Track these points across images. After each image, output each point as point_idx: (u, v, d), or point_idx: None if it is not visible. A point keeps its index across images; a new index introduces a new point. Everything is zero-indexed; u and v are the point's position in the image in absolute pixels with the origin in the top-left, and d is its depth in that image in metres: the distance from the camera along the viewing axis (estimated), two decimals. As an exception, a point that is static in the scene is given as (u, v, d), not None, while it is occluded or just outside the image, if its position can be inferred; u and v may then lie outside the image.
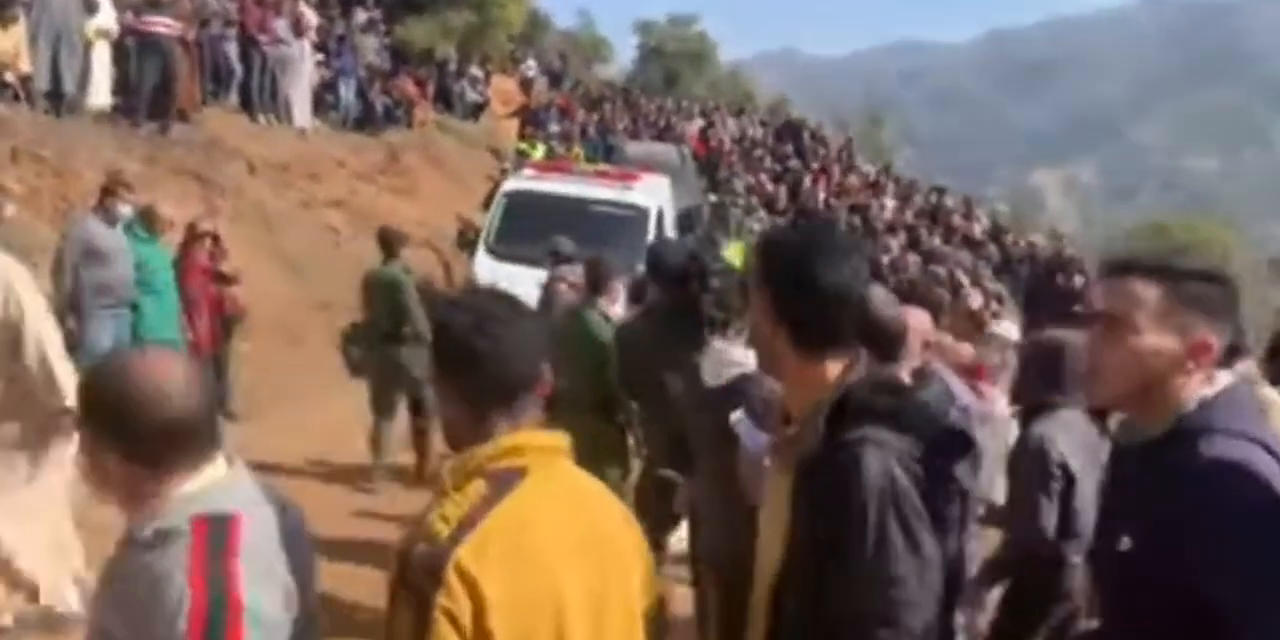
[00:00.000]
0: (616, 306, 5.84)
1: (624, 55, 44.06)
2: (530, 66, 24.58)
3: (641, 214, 11.39)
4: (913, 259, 11.52)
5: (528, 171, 12.19)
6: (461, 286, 11.26)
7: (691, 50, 41.93)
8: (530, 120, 21.18)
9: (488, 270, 10.75)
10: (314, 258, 12.46)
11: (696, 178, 17.72)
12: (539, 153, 18.80)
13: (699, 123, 21.83)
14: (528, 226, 11.15)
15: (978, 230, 14.29)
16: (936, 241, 13.05)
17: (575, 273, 8.39)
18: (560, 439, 1.91)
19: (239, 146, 12.44)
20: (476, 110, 20.61)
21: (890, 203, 15.52)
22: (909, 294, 5.79)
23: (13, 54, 9.56)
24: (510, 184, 11.88)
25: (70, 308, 7.45)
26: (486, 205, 17.77)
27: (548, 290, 8.13)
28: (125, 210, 7.57)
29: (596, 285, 5.81)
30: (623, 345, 5.12)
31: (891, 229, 14.20)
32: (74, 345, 7.82)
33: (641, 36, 40.74)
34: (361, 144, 15.91)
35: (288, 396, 10.20)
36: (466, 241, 13.42)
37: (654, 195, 11.99)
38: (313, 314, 11.78)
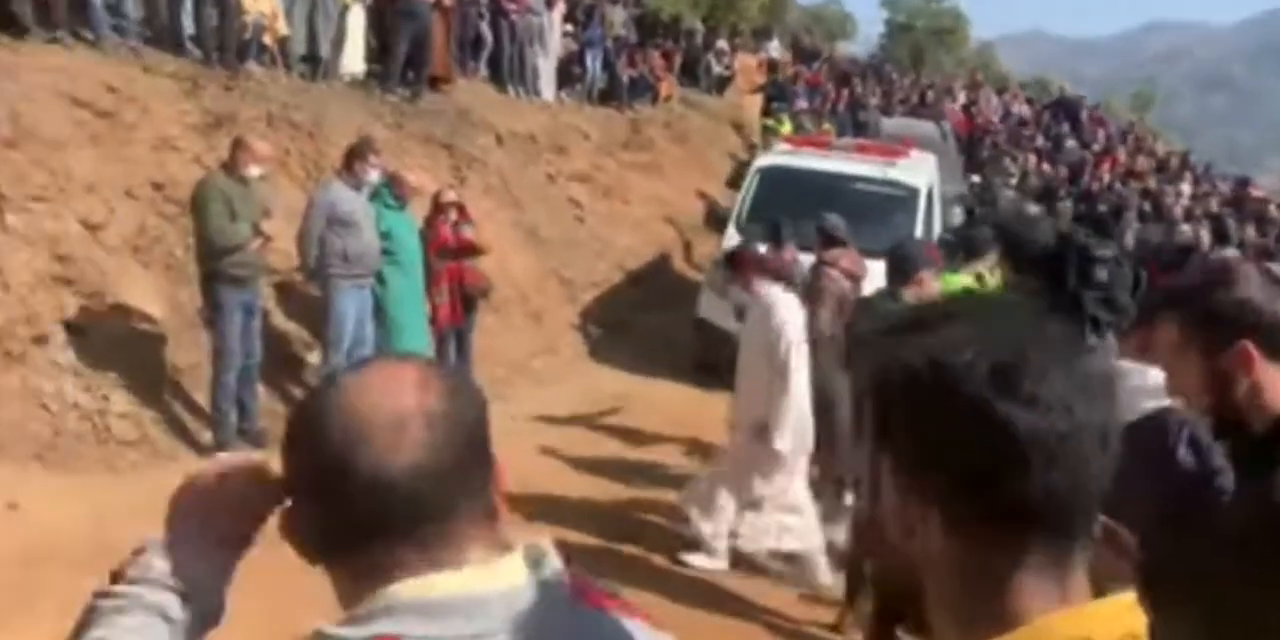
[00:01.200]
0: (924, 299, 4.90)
1: (867, 32, 42.39)
2: (774, 47, 23.55)
3: (910, 193, 10.31)
4: (1229, 252, 9.95)
5: (782, 146, 11.30)
6: (709, 266, 10.49)
7: (942, 26, 39.87)
8: (776, 95, 20.20)
9: (740, 251, 9.95)
10: (556, 232, 11.99)
11: (957, 157, 16.38)
12: (786, 128, 17.86)
13: (960, 99, 20.29)
14: (782, 204, 10.27)
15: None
16: (1250, 233, 11.35)
17: (848, 257, 7.45)
18: None
19: (486, 117, 12.08)
20: (721, 84, 19.82)
21: (1186, 189, 13.76)
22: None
23: (271, 17, 9.40)
24: (764, 159, 11.02)
25: (314, 276, 7.12)
26: (732, 183, 17.02)
27: (815, 276, 7.23)
28: (373, 175, 7.18)
29: (902, 273, 4.90)
30: None
31: (1190, 217, 12.52)
32: (320, 316, 7.57)
33: (890, 11, 38.95)
34: (606, 118, 15.39)
35: (526, 376, 9.75)
36: (716, 219, 12.63)
37: (922, 173, 10.88)
38: (554, 290, 11.31)
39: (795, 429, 5.35)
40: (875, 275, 7.36)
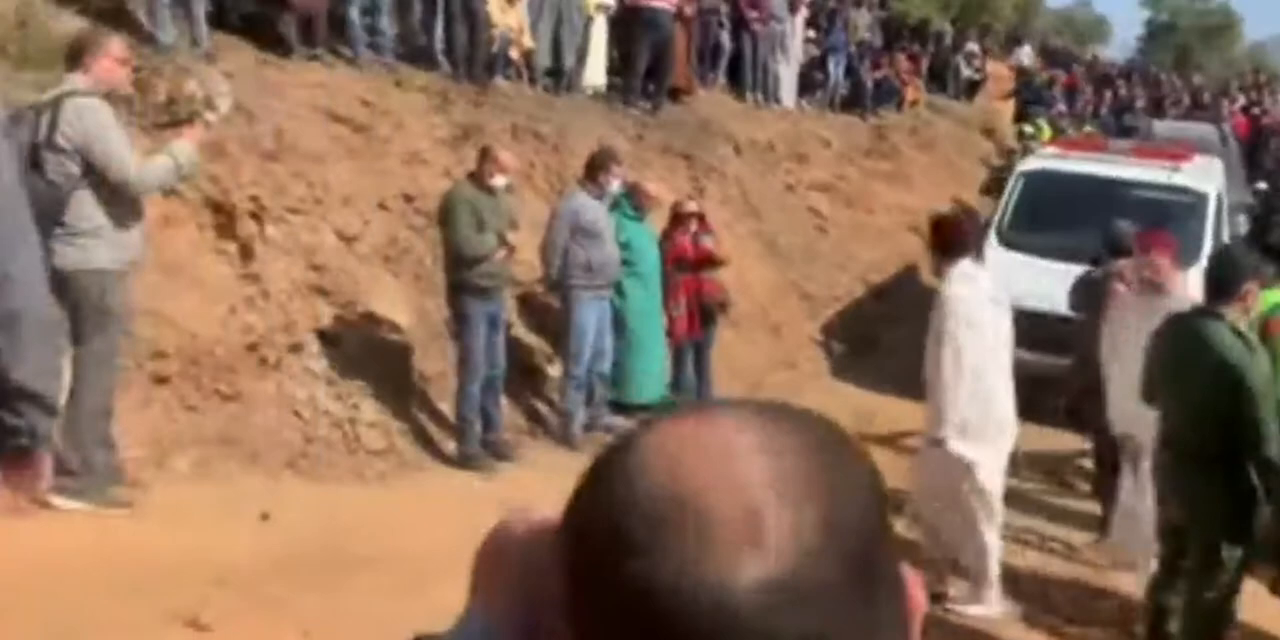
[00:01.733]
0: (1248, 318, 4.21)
1: (1122, 35, 39.80)
2: (1025, 52, 22.24)
3: (1198, 200, 9.32)
4: None
5: (1050, 150, 10.50)
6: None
7: (1211, 25, 37.00)
8: (1031, 99, 19.08)
9: (1001, 262, 9.23)
10: (797, 243, 11.59)
11: (1240, 161, 14.91)
12: (1046, 133, 16.81)
13: (1239, 99, 18.55)
14: (1051, 213, 9.51)
15: None
16: None
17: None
18: None
19: (725, 126, 11.83)
20: (971, 89, 18.88)
21: None
22: None
23: (518, 30, 9.46)
24: (1029, 163, 10.26)
25: (556, 286, 7.00)
26: (986, 190, 16.12)
27: (1096, 290, 6.50)
28: (615, 185, 7.01)
29: (1222, 287, 4.15)
30: None
31: None
32: (560, 328, 7.46)
33: (1152, 10, 36.47)
34: (848, 125, 14.88)
35: (765, 393, 9.38)
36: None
37: (1209, 178, 9.85)
38: (794, 303, 10.90)
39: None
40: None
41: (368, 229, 7.16)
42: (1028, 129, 16.90)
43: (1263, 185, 14.28)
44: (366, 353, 6.71)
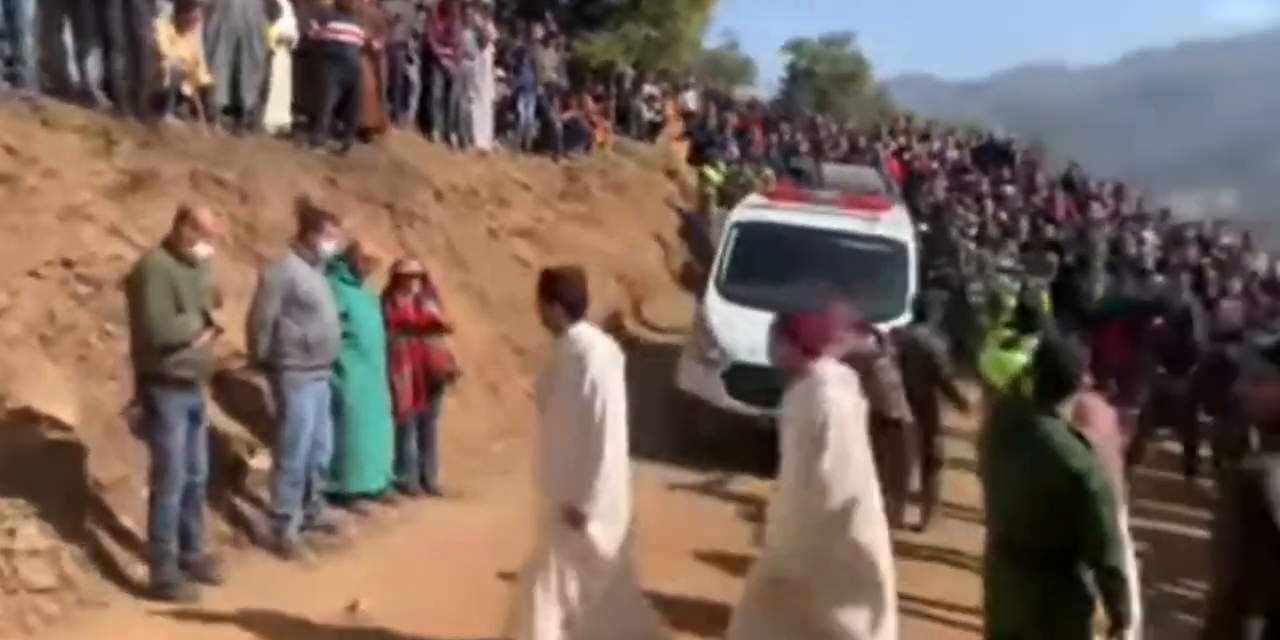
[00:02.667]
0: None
1: (766, 76, 42.24)
2: (690, 97, 22.77)
3: (899, 250, 9.57)
4: (1227, 304, 9.42)
5: (756, 199, 10.47)
6: (690, 332, 9.55)
7: (844, 71, 40.01)
8: (704, 142, 19.51)
9: (722, 315, 9.04)
10: (504, 294, 10.94)
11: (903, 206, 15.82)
12: (717, 177, 17.17)
13: (891, 144, 19.85)
14: (764, 263, 9.45)
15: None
16: (1238, 286, 10.86)
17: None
18: None
19: (421, 168, 11.01)
20: (653, 130, 19.05)
21: (1150, 237, 13.35)
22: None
23: (192, 63, 8.23)
24: (739, 214, 10.16)
25: (265, 368, 5.96)
26: (683, 235, 16.17)
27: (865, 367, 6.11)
28: (329, 247, 6.09)
29: (1058, 384, 3.76)
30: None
31: (1162, 266, 12.08)
32: (266, 414, 6.40)
33: (794, 54, 38.94)
34: (540, 166, 14.44)
35: (495, 466, 8.65)
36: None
37: (904, 227, 10.17)
38: (509, 360, 10.24)
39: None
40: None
41: (16, 302, 5.81)
42: (708, 172, 17.19)
43: (924, 227, 15.17)
44: (23, 461, 5.38)
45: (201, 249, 5.13)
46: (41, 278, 6.06)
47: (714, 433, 8.94)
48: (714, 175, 17.07)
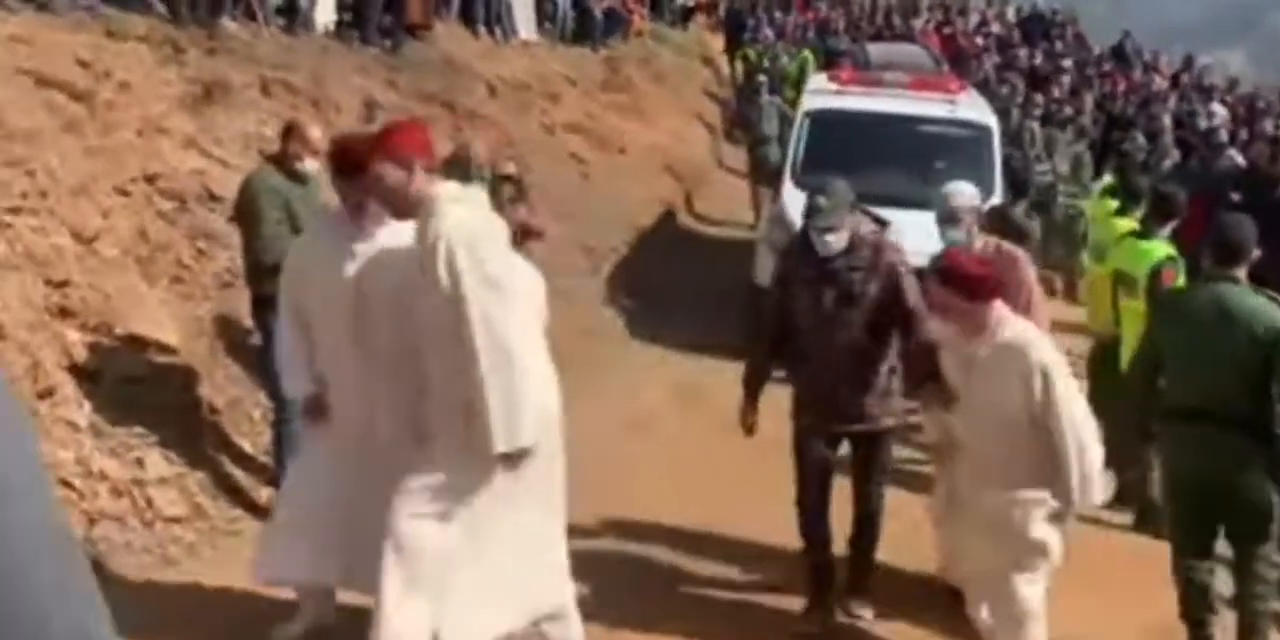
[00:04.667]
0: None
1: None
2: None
3: (983, 133, 9.21)
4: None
5: (829, 86, 10.04)
6: (767, 226, 9.27)
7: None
8: (735, 25, 18.85)
9: (800, 207, 8.75)
10: (567, 193, 10.66)
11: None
12: (754, 57, 16.58)
13: (926, 17, 19.11)
14: (840, 152, 9.10)
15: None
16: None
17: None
18: None
19: (472, 65, 10.62)
20: (685, 15, 18.39)
21: (1220, 110, 12.87)
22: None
23: (241, -39, 7.82)
24: (810, 102, 9.76)
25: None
26: (731, 124, 15.70)
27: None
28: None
29: (1235, 252, 4.01)
30: None
31: (1234, 140, 11.65)
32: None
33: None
34: (581, 57, 13.97)
35: (575, 368, 8.51)
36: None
37: (984, 109, 9.80)
38: (578, 261, 10.03)
39: None
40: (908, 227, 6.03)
41: (109, 224, 5.60)
42: (750, 53, 16.61)
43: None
44: (137, 388, 5.25)
45: (310, 164, 4.87)
46: (128, 196, 5.83)
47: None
48: (756, 60, 16.51)
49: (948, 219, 4.87)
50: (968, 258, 4.17)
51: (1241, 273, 4.00)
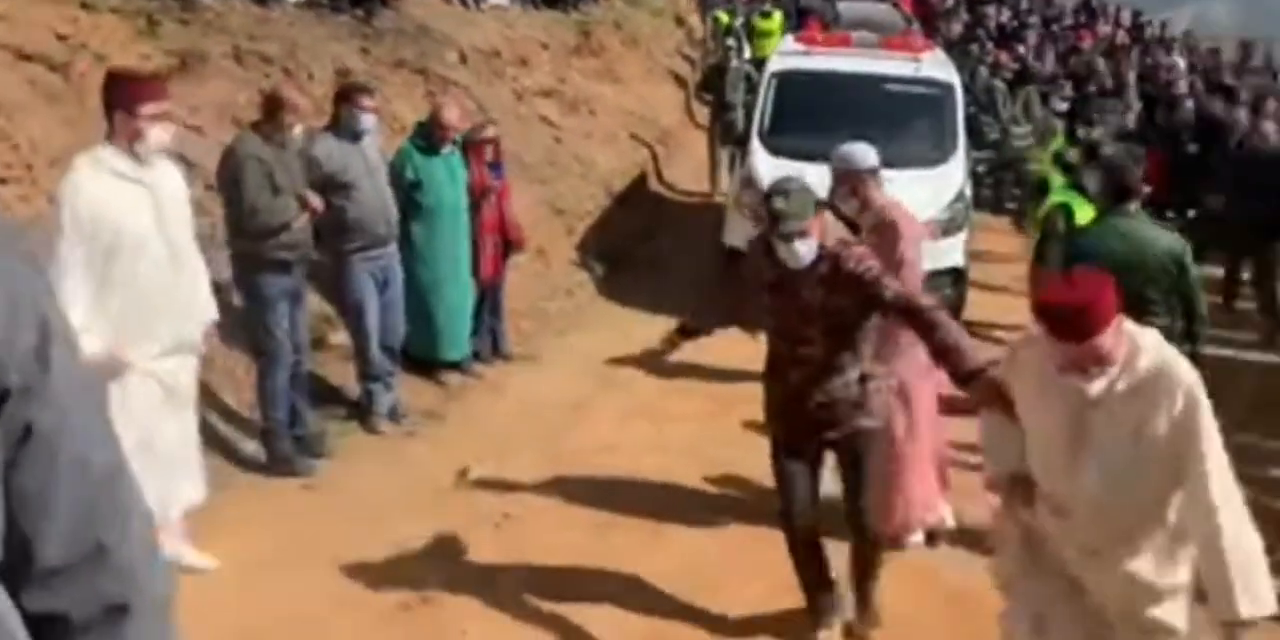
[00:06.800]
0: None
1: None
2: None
3: (946, 92, 9.41)
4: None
5: (795, 46, 10.20)
6: (736, 188, 9.48)
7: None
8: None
9: (768, 168, 8.94)
10: (538, 157, 10.83)
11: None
12: (726, 19, 16.70)
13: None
14: (807, 113, 9.30)
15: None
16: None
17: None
18: None
19: (444, 31, 10.74)
20: (657, -24, 18.43)
21: (1179, 61, 13.07)
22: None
23: (212, -69, 7.92)
24: (777, 63, 9.92)
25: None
26: (703, 88, 15.80)
27: None
28: (368, 120, 5.89)
29: (1127, 189, 4.70)
30: None
31: (1193, 89, 11.87)
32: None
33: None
34: (554, 21, 14.04)
35: (550, 327, 8.76)
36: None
37: (948, 67, 9.98)
38: (552, 224, 10.22)
39: None
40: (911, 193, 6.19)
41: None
42: (719, 15, 16.71)
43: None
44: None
45: (295, 128, 5.07)
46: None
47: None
48: (724, 19, 16.62)
49: (840, 183, 4.82)
50: (1058, 289, 2.93)
51: (1135, 207, 4.72)
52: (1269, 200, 8.63)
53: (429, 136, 6.38)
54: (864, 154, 4.89)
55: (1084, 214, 5.81)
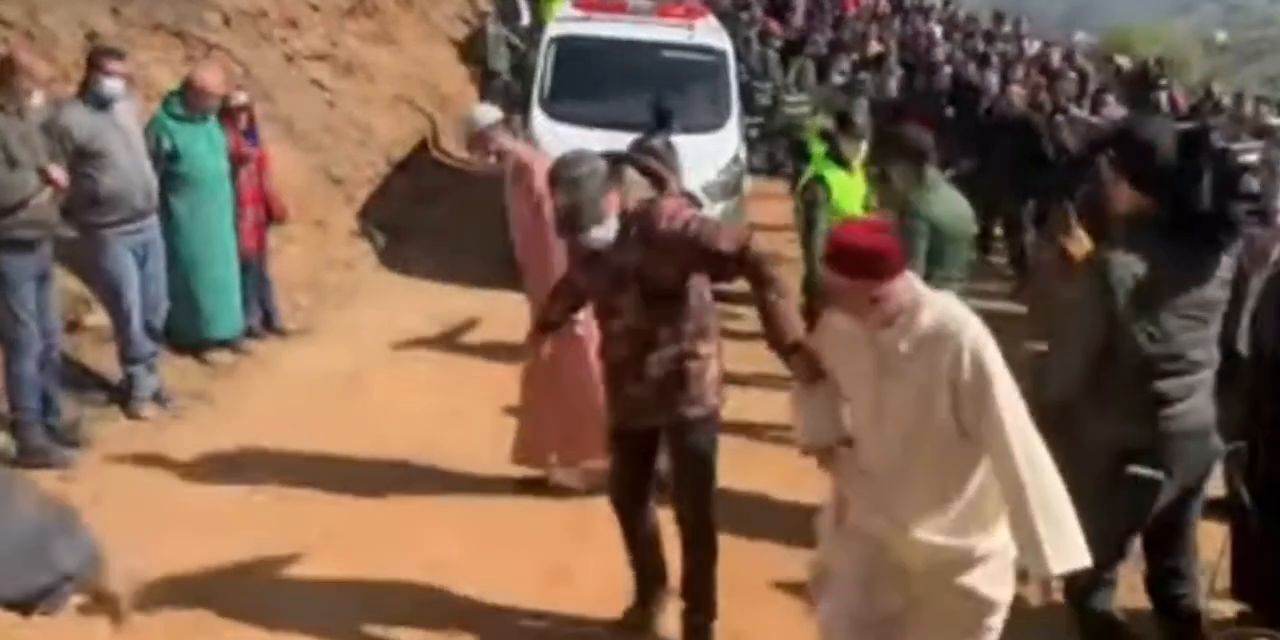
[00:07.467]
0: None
1: None
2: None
3: (720, 59, 9.62)
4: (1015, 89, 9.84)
5: (573, 12, 10.17)
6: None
7: None
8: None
9: (548, 133, 8.93)
10: (312, 124, 10.46)
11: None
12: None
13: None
14: (586, 79, 9.33)
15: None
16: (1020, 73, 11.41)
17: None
18: None
19: (201, -11, 10.17)
20: (433, -63, 17.94)
21: (935, 28, 13.68)
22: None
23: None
24: (556, 29, 9.89)
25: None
26: (467, 56, 15.54)
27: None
28: (115, 86, 5.55)
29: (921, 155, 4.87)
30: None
31: (950, 59, 12.50)
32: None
33: None
34: (324, -21, 13.50)
35: (328, 300, 8.51)
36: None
37: (720, 34, 10.19)
38: (328, 192, 9.91)
39: None
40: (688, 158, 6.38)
41: None
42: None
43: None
44: None
45: (36, 98, 4.70)
46: None
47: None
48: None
49: (472, 145, 5.22)
50: (857, 229, 2.95)
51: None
52: (1015, 162, 9.26)
53: (186, 103, 6.06)
54: (484, 112, 5.36)
55: (839, 184, 6.06)
